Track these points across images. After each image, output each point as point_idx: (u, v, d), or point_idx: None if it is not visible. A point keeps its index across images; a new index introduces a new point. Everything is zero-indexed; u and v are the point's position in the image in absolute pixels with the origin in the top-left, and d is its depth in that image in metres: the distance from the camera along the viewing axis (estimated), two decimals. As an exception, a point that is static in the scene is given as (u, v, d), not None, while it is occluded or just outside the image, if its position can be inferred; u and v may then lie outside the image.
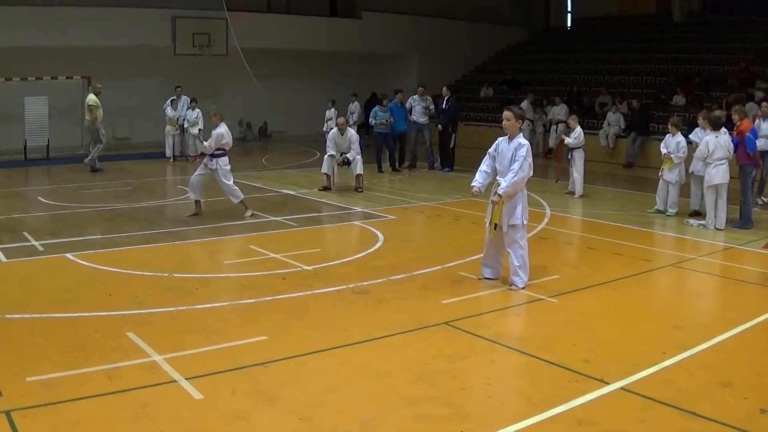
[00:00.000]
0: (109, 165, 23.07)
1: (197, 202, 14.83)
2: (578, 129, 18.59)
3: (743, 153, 14.29)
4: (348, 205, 16.42)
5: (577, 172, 18.16)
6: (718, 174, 13.96)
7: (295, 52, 32.31)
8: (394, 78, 31.80)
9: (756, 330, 8.47)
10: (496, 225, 9.79)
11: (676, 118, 16.39)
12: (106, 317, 8.40)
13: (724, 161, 13.95)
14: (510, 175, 9.62)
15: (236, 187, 14.85)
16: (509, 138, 9.89)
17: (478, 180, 10.02)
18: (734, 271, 11.41)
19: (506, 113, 9.90)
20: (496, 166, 9.95)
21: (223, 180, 14.66)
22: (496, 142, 10.12)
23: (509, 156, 9.73)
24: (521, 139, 9.83)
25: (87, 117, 22.45)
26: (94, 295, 9.25)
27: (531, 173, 9.82)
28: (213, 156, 14.63)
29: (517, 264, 9.74)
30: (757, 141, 14.84)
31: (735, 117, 14.92)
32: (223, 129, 14.60)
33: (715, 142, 13.98)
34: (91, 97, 22.36)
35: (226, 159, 14.75)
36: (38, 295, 9.24)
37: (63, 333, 7.86)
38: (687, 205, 15.57)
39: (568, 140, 18.51)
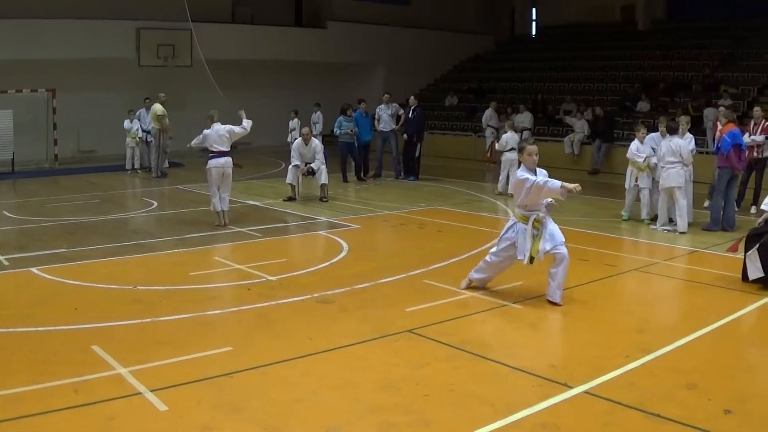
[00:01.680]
0: (74, 178, 23.09)
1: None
2: (505, 136, 19.92)
3: (720, 155, 14.61)
4: (313, 215, 16.43)
5: (503, 173, 19.79)
6: (669, 177, 14.24)
7: (260, 62, 32.29)
8: (359, 87, 31.94)
9: (719, 332, 8.60)
10: (532, 258, 9.50)
11: (642, 126, 16.57)
12: (71, 331, 8.40)
13: (675, 165, 14.19)
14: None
15: (215, 200, 14.97)
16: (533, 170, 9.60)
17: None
18: (698, 274, 11.56)
19: (536, 149, 9.67)
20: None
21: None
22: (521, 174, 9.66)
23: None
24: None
25: (154, 125, 23.21)
26: (59, 309, 9.24)
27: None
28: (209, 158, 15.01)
29: (562, 281, 9.57)
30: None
31: (722, 120, 15.27)
32: (207, 130, 15.14)
33: (667, 146, 14.27)
34: (158, 107, 23.09)
35: (213, 162, 14.98)
36: (3, 310, 9.20)
37: (29, 347, 7.84)
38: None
39: (498, 144, 20.26)
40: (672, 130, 14.51)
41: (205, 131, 15.10)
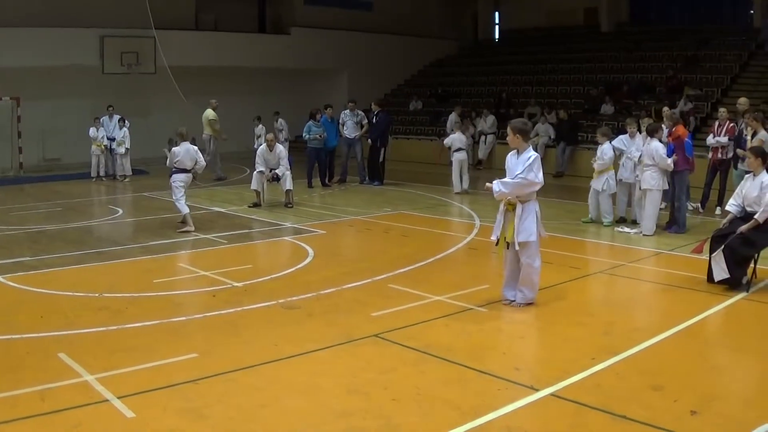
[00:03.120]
0: (40, 186, 22.94)
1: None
2: (452, 136, 21.26)
3: (682, 158, 14.61)
4: (278, 221, 16.44)
5: (453, 173, 21.07)
6: (644, 180, 14.29)
7: (223, 69, 32.18)
8: (324, 93, 31.91)
9: (685, 333, 8.66)
10: (508, 244, 9.48)
11: (605, 128, 16.67)
12: (37, 338, 8.36)
13: (649, 168, 14.22)
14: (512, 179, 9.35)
15: (182, 203, 15.15)
16: (518, 152, 9.50)
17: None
18: (663, 276, 11.67)
19: (508, 129, 9.60)
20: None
21: (173, 195, 15.26)
22: (507, 157, 9.72)
23: (516, 170, 9.39)
24: (530, 152, 9.45)
25: (206, 131, 23.86)
26: (25, 317, 9.19)
27: (540, 182, 9.40)
28: (170, 173, 15.31)
29: (522, 281, 9.55)
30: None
31: (668, 123, 15.32)
32: (176, 148, 15.24)
33: (645, 149, 14.37)
34: (210, 112, 23.68)
35: (179, 176, 15.16)
36: (-32, 319, 9.15)
37: (-6, 356, 7.83)
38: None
39: (445, 141, 21.63)
40: (652, 132, 14.51)
41: (176, 149, 15.19)
